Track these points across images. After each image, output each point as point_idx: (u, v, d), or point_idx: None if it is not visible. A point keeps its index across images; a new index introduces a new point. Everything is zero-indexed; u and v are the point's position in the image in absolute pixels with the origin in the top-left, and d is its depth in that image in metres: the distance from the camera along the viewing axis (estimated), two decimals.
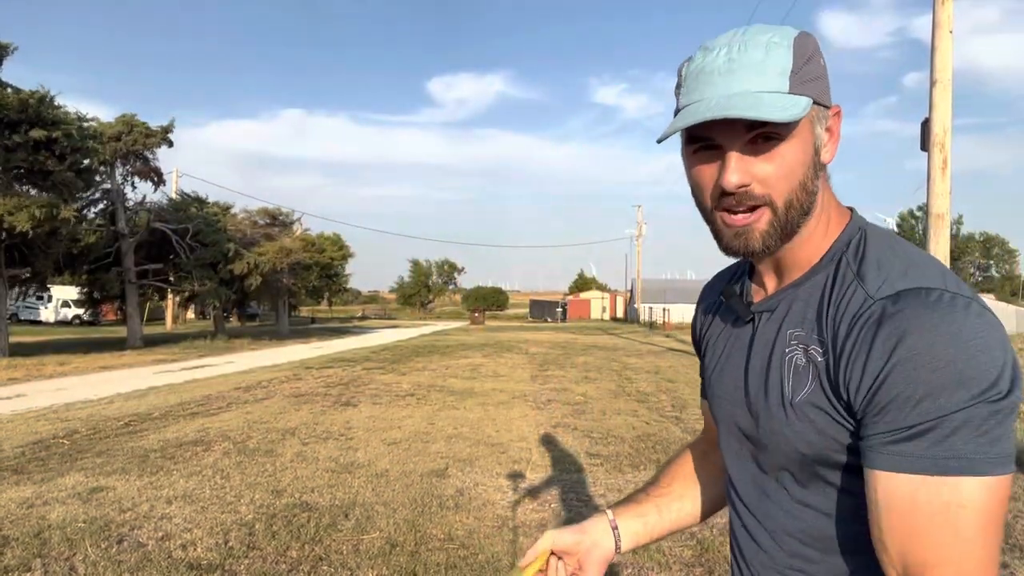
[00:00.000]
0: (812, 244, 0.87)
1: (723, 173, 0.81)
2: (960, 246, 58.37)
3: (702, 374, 1.10)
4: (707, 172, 0.84)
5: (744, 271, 1.00)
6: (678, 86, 0.87)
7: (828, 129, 0.85)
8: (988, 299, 41.36)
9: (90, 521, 4.52)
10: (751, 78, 0.79)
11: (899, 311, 0.74)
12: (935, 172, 8.52)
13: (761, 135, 0.79)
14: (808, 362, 0.82)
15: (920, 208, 52.56)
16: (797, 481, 0.86)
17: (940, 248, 8.52)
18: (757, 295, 0.95)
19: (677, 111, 0.85)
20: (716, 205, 0.84)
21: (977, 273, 63.89)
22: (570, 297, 73.66)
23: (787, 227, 0.83)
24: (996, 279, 63.55)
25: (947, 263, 8.52)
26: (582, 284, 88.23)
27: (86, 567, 3.78)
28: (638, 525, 1.10)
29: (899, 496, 0.72)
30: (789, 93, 0.79)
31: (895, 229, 58.14)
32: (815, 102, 0.81)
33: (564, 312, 58.41)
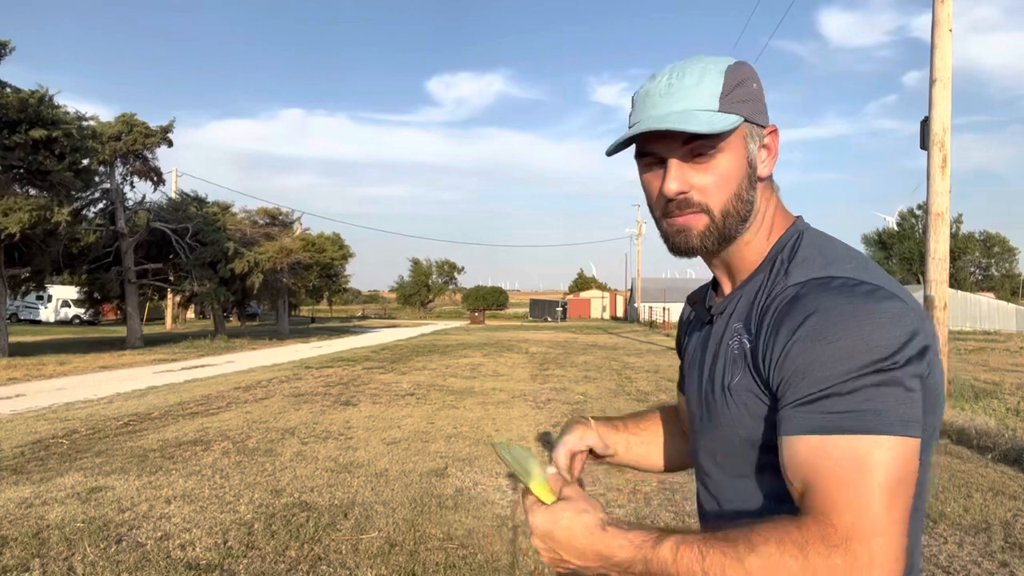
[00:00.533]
0: (755, 248, 0.98)
1: (664, 181, 0.92)
2: (960, 245, 58.33)
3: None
4: (654, 182, 0.95)
5: (711, 285, 1.12)
6: (631, 106, 0.98)
7: (765, 146, 0.96)
8: (988, 297, 41.34)
9: (89, 521, 4.52)
10: (686, 99, 0.91)
11: (805, 294, 0.85)
12: (935, 170, 8.51)
13: (697, 149, 0.91)
14: (740, 349, 0.92)
15: (920, 207, 52.56)
16: (742, 466, 0.94)
17: (940, 246, 8.51)
18: (719, 300, 1.05)
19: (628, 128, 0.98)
20: (663, 212, 0.96)
21: (977, 272, 63.86)
22: (570, 296, 73.68)
23: (724, 231, 0.93)
24: (996, 278, 63.50)
25: (947, 261, 8.51)
26: (582, 283, 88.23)
27: (85, 567, 3.78)
28: (612, 445, 1.20)
29: (802, 455, 0.79)
30: (719, 112, 0.90)
31: (895, 228, 58.16)
32: (747, 120, 0.92)
33: (564, 311, 58.39)
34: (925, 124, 8.56)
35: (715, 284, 1.09)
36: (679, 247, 0.96)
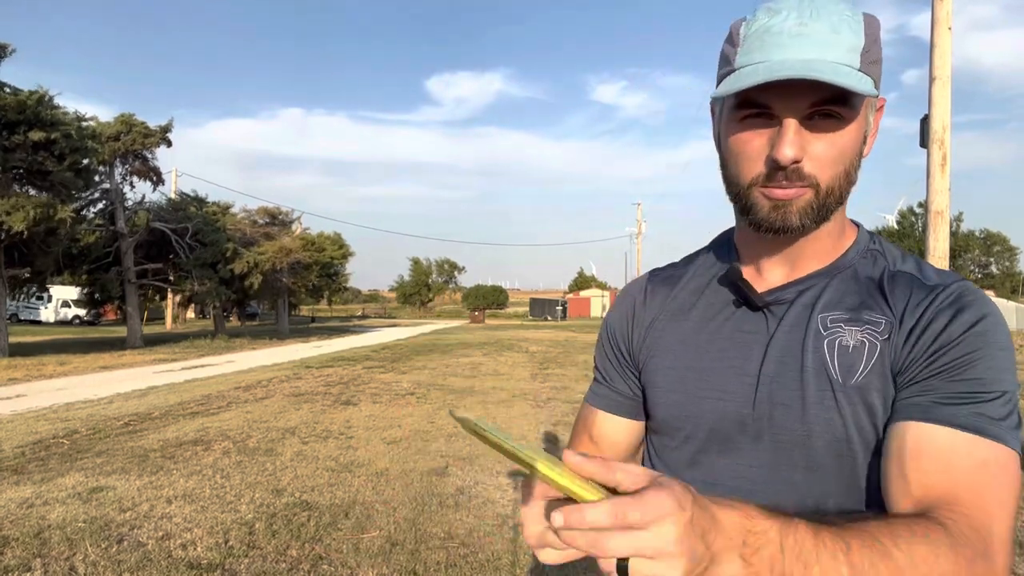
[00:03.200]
0: (834, 238, 0.87)
1: (779, 144, 0.76)
2: (960, 243, 58.34)
3: (619, 381, 1.01)
4: (755, 142, 0.79)
5: (729, 260, 0.95)
6: (732, 43, 0.80)
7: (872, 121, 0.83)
8: (989, 295, 41.44)
9: (90, 521, 4.52)
10: (825, 47, 0.74)
11: (974, 295, 0.79)
12: (934, 169, 8.51)
13: (821, 112, 0.76)
14: (863, 342, 0.80)
15: (920, 205, 52.58)
16: (812, 467, 0.81)
17: (940, 245, 8.52)
18: (756, 284, 0.90)
19: (730, 72, 0.79)
20: (757, 180, 0.80)
21: (977, 270, 63.85)
22: (570, 295, 73.67)
23: (824, 212, 0.80)
24: (996, 276, 63.50)
25: (947, 260, 8.52)
26: (582, 282, 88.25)
27: (86, 567, 3.78)
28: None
29: (937, 444, 0.72)
30: (860, 71, 0.75)
31: (895, 226, 58.16)
32: (875, 87, 0.78)
33: (564, 310, 58.38)
34: (925, 122, 8.56)
35: (734, 263, 0.93)
36: (773, 224, 0.80)
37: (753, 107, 0.78)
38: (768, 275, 0.89)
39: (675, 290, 0.98)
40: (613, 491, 0.55)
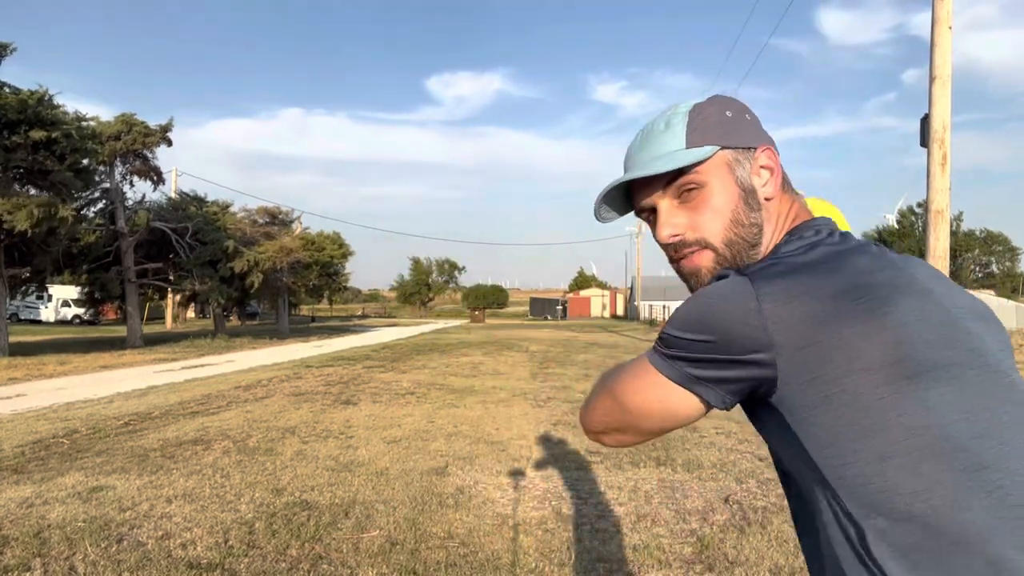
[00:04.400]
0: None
1: (655, 231, 0.95)
2: (960, 242, 58.28)
3: None
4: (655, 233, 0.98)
5: None
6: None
7: (764, 167, 0.95)
8: (988, 295, 41.30)
9: (90, 520, 4.52)
10: (655, 145, 0.94)
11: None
12: (935, 168, 8.50)
13: (680, 189, 0.92)
14: None
15: (920, 204, 52.52)
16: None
17: (940, 245, 8.51)
18: None
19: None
20: (670, 259, 0.98)
21: (977, 270, 63.80)
22: (570, 295, 73.65)
23: (734, 260, 0.93)
24: (997, 275, 63.43)
25: (947, 260, 8.51)
26: (582, 282, 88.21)
27: (86, 566, 3.78)
28: None
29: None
30: (687, 148, 0.91)
31: (895, 226, 58.11)
32: (725, 147, 0.92)
33: (564, 310, 58.39)
34: (925, 121, 8.55)
35: None
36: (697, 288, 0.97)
37: (644, 208, 0.97)
38: None
39: None
40: None
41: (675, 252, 0.94)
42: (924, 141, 8.58)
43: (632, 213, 1.01)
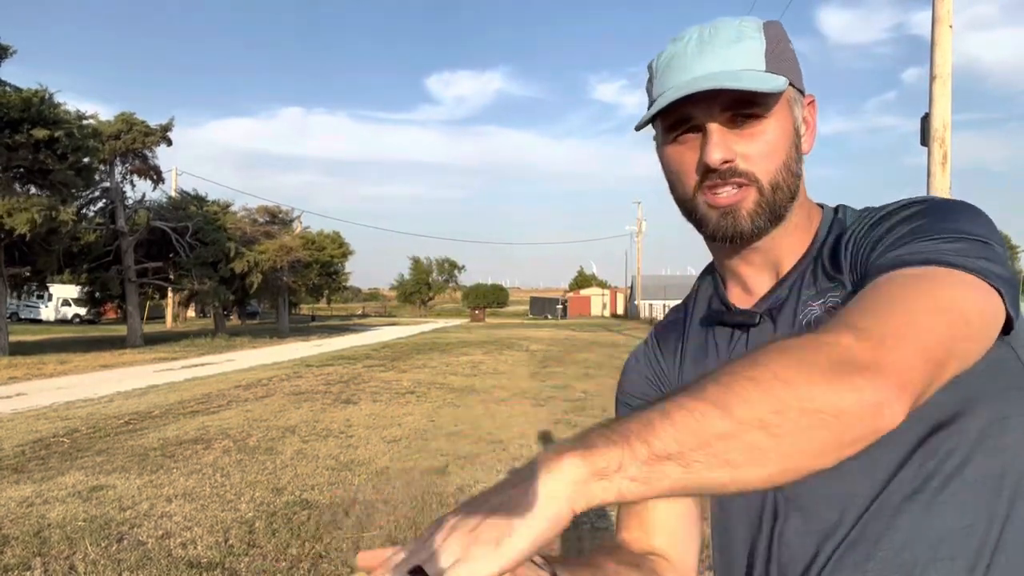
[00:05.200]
0: (804, 231, 0.86)
1: (706, 149, 0.78)
2: None
3: None
4: (688, 155, 0.81)
5: (709, 292, 0.94)
6: (650, 80, 0.86)
7: (804, 119, 0.84)
8: None
9: (90, 520, 4.52)
10: (726, 56, 0.78)
11: (894, 203, 0.79)
12: (935, 167, 8.50)
13: (741, 114, 0.78)
14: (828, 312, 0.78)
15: None
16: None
17: None
18: (744, 301, 0.88)
19: (651, 103, 0.84)
20: (699, 187, 0.81)
21: None
22: (570, 294, 73.71)
23: (775, 208, 0.81)
24: None
25: None
26: (582, 281, 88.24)
27: (86, 565, 3.78)
28: None
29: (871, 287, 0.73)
30: (766, 71, 0.78)
31: None
32: (792, 84, 0.80)
33: (564, 309, 58.42)
34: (925, 120, 8.55)
35: (721, 288, 0.93)
36: (724, 231, 0.81)
37: (681, 124, 0.81)
38: (756, 286, 0.88)
39: (687, 330, 0.97)
40: None
41: (719, 178, 0.79)
42: (924, 140, 8.58)
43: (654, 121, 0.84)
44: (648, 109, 0.83)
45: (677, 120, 0.81)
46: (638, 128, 0.84)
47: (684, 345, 0.96)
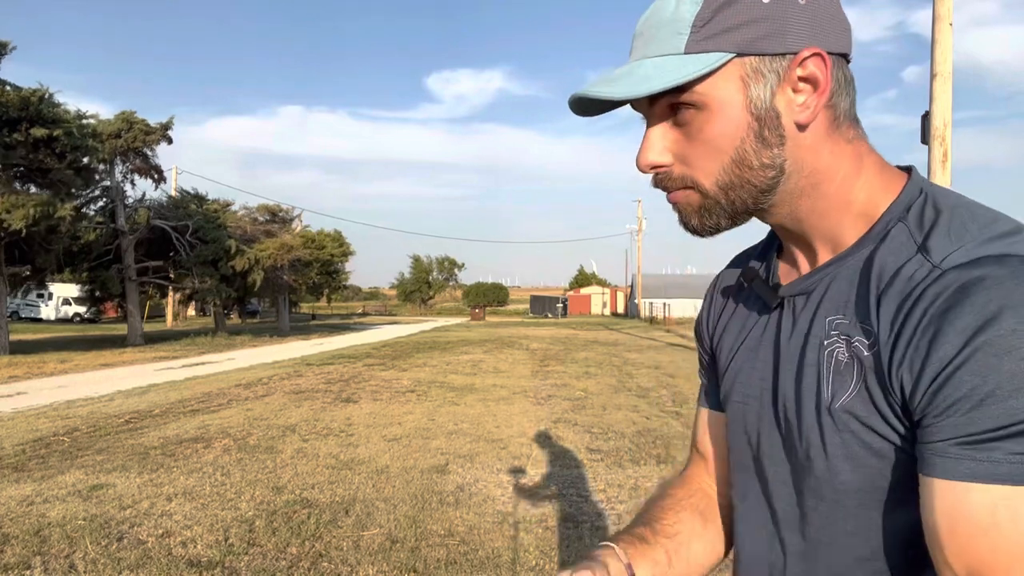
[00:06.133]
0: (843, 215, 0.70)
1: (638, 152, 0.71)
2: None
3: (710, 378, 0.93)
4: None
5: (772, 248, 0.82)
6: None
7: (804, 79, 0.66)
8: None
9: (90, 519, 4.52)
10: (654, 40, 0.67)
11: (979, 281, 0.57)
12: (935, 165, 8.49)
13: (677, 104, 0.67)
14: (852, 358, 0.65)
15: None
16: (837, 506, 0.68)
17: None
18: (788, 276, 0.78)
19: None
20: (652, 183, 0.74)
21: None
22: (570, 293, 73.66)
23: (733, 208, 0.70)
24: None
25: None
26: (582, 280, 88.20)
27: (86, 564, 3.78)
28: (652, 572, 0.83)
29: (971, 509, 0.55)
30: (684, 54, 0.65)
31: None
32: (744, 53, 0.65)
33: (564, 308, 58.39)
34: (926, 119, 8.54)
35: (779, 250, 0.81)
36: (683, 227, 0.73)
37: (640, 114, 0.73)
38: (800, 262, 0.76)
39: (734, 280, 0.90)
40: None
41: (659, 185, 0.71)
42: (925, 138, 8.57)
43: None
44: None
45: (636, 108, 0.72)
46: (580, 114, 0.74)
47: (727, 293, 0.90)
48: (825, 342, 0.68)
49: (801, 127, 0.67)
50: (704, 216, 0.71)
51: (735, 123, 0.66)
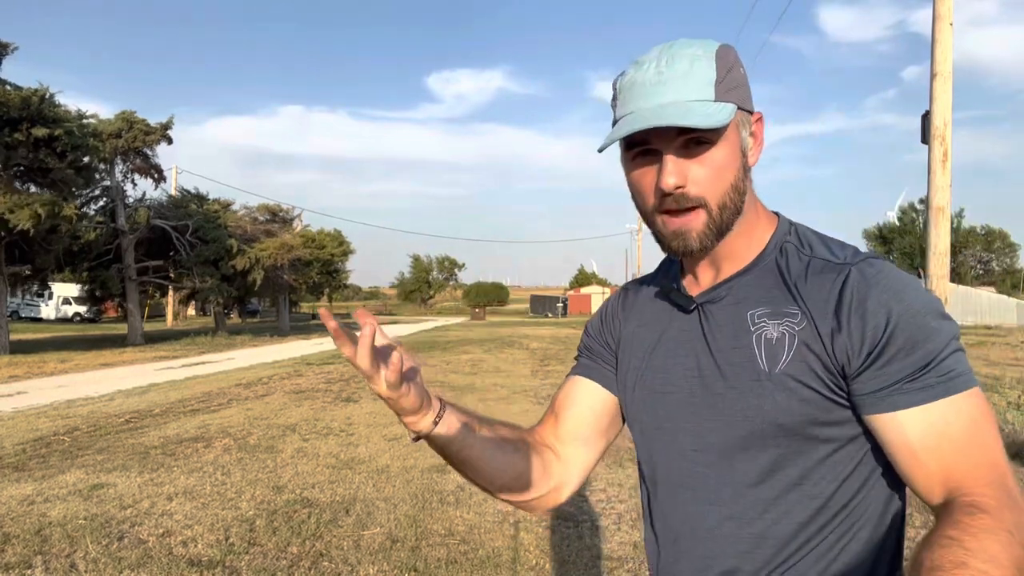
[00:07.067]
0: (747, 238, 0.95)
1: (661, 175, 0.87)
2: (961, 239, 58.22)
3: (596, 361, 1.12)
4: (647, 176, 0.90)
5: (673, 269, 1.05)
6: (614, 99, 0.93)
7: (752, 134, 0.93)
8: (989, 291, 41.28)
9: (91, 518, 4.53)
10: (679, 88, 0.86)
11: (879, 271, 0.86)
12: (935, 165, 8.49)
13: (693, 140, 0.86)
14: (783, 334, 0.88)
15: (921, 201, 52.49)
16: (771, 462, 0.89)
17: (941, 241, 8.50)
18: (693, 289, 0.99)
19: (615, 122, 0.92)
20: (657, 207, 0.90)
21: (978, 266, 63.76)
22: (571, 292, 73.64)
23: (721, 226, 0.90)
24: (997, 272, 63.40)
25: (948, 256, 8.49)
26: (583, 279, 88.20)
27: (87, 564, 3.78)
28: (459, 426, 0.98)
29: (932, 424, 0.80)
30: (715, 101, 0.86)
31: (896, 223, 58.08)
32: (739, 108, 0.88)
33: (565, 307, 58.35)
34: (926, 118, 8.53)
35: (679, 271, 1.04)
36: (677, 249, 0.92)
37: (639, 145, 0.89)
38: (702, 279, 0.99)
39: (640, 297, 1.11)
40: None
41: (672, 202, 0.88)
42: (925, 138, 8.56)
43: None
44: (612, 129, 0.92)
45: (636, 142, 0.89)
46: (600, 151, 0.93)
47: (635, 306, 1.11)
48: (752, 328, 0.91)
49: (748, 169, 0.93)
50: (703, 237, 0.90)
51: (735, 157, 0.90)
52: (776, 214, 1.00)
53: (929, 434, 0.81)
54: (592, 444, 1.11)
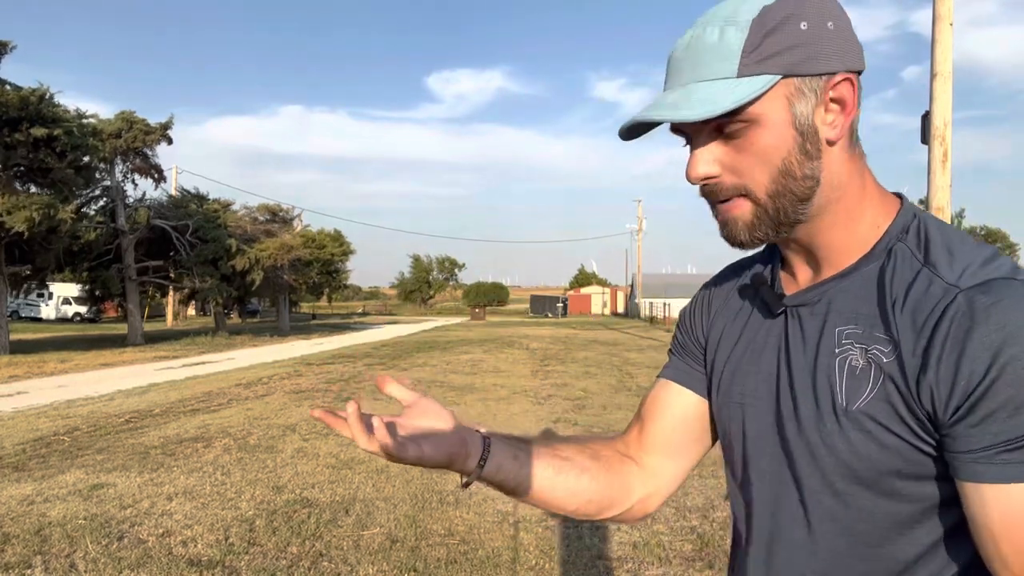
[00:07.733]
0: (850, 232, 0.77)
1: (687, 166, 0.77)
2: None
3: (686, 360, 0.99)
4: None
5: (775, 258, 0.88)
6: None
7: (835, 100, 0.73)
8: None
9: (91, 518, 4.53)
10: (695, 67, 0.73)
11: (996, 303, 0.65)
12: (935, 165, 8.49)
13: (723, 124, 0.73)
14: (869, 364, 0.72)
15: (921, 201, 52.43)
16: (843, 495, 0.74)
17: None
18: (789, 287, 0.84)
19: None
20: (705, 201, 0.80)
21: None
22: (571, 292, 73.66)
23: (778, 217, 0.75)
24: None
25: None
26: (583, 279, 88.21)
27: (86, 564, 3.78)
28: (509, 464, 0.89)
29: (1020, 508, 0.64)
30: (738, 77, 0.71)
31: None
32: (789, 75, 0.71)
33: (565, 307, 58.36)
34: (926, 118, 8.53)
35: (782, 262, 0.87)
36: (728, 241, 0.79)
37: (676, 132, 0.79)
38: (799, 276, 0.84)
39: (733, 287, 0.96)
40: None
41: (708, 194, 0.78)
42: (925, 138, 8.57)
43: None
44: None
45: (673, 128, 0.78)
46: (623, 139, 0.81)
47: (726, 299, 0.96)
48: (837, 350, 0.75)
49: (830, 144, 0.74)
50: (754, 229, 0.77)
51: (782, 137, 0.73)
52: (899, 197, 0.81)
53: (1013, 515, 0.64)
54: (683, 453, 0.99)
